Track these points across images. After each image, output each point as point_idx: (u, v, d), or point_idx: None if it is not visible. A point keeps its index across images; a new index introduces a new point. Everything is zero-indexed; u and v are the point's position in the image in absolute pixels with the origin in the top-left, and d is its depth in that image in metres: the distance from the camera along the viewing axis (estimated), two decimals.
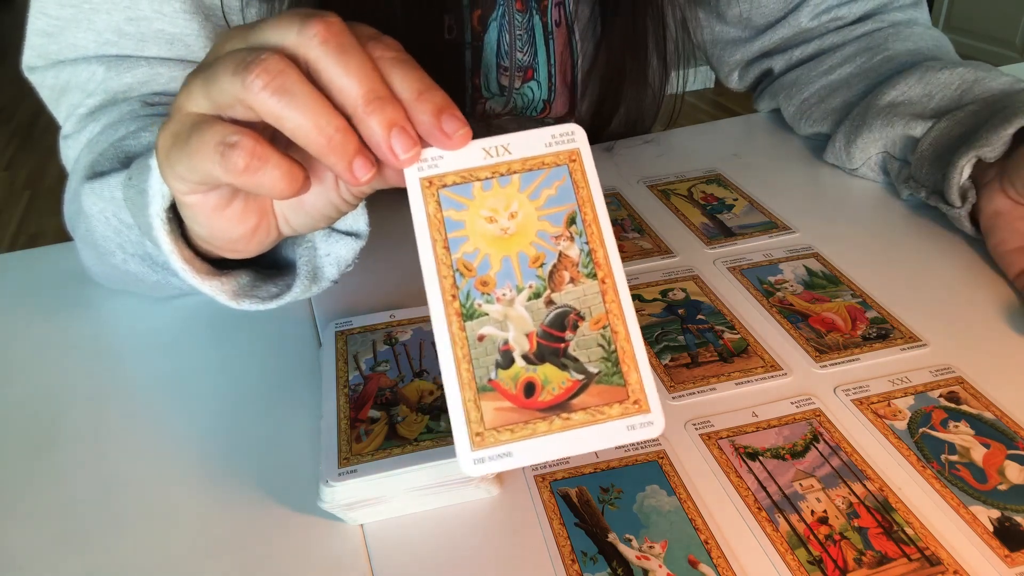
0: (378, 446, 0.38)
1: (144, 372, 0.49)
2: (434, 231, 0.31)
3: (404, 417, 0.40)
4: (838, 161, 0.67)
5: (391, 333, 0.46)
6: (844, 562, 0.36)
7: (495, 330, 0.30)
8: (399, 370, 0.44)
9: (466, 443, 0.29)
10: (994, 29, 2.92)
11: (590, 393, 0.29)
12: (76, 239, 0.53)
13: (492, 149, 0.32)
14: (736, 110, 2.77)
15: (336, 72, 0.30)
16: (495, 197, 0.31)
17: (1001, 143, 0.53)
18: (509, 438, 0.29)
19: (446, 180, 0.31)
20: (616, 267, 0.31)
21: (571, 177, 0.32)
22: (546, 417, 0.29)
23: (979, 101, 0.59)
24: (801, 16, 0.71)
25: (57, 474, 0.42)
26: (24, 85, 0.57)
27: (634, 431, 0.29)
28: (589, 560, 0.36)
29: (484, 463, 0.29)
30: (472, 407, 0.29)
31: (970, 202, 0.55)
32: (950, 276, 0.54)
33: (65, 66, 0.54)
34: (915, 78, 0.62)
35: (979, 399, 0.44)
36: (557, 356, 0.30)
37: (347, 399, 0.41)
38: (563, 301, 0.30)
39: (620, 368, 0.30)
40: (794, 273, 0.55)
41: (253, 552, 0.37)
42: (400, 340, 0.46)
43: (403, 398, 0.41)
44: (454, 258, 0.31)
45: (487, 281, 0.31)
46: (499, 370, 0.30)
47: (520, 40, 0.67)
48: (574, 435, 0.29)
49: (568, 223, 0.31)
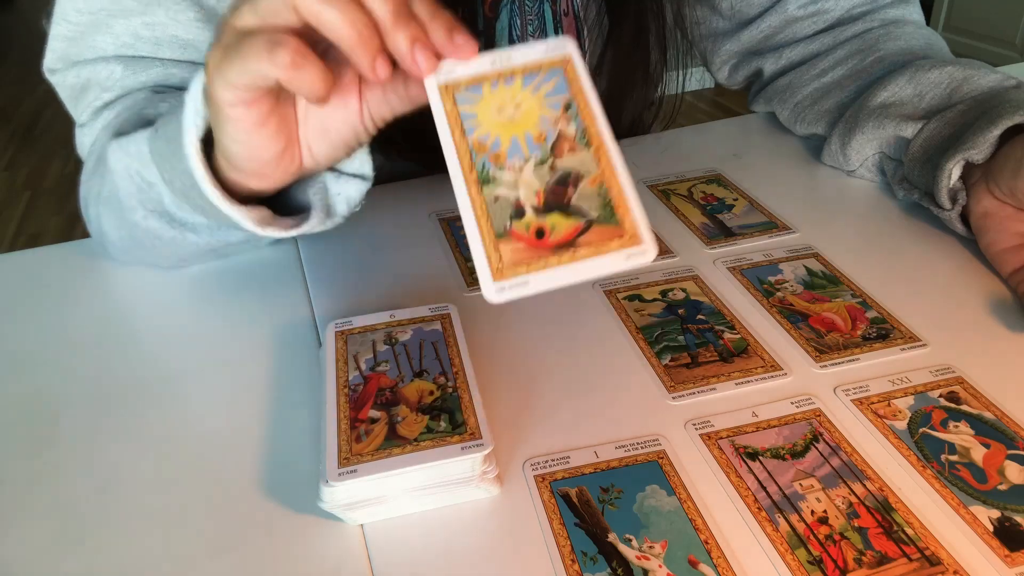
0: (378, 446, 0.38)
1: (144, 372, 0.49)
2: (452, 122, 0.36)
3: (404, 417, 0.40)
4: (835, 163, 0.67)
5: (391, 333, 0.46)
6: (844, 562, 0.36)
7: (508, 191, 0.35)
8: (399, 370, 0.44)
9: (488, 276, 0.33)
10: (994, 29, 2.92)
11: (592, 233, 0.34)
12: (96, 209, 0.56)
13: (497, 59, 0.37)
14: (736, 110, 2.77)
15: None
16: (502, 93, 0.37)
17: (987, 145, 0.53)
18: (526, 270, 0.33)
19: (459, 84, 0.37)
20: (607, 138, 0.35)
21: (565, 75, 0.37)
22: (556, 253, 0.33)
23: (968, 100, 0.59)
24: (789, 5, 0.71)
25: (57, 474, 0.42)
26: (24, 86, 0.58)
27: (632, 259, 0.33)
28: (589, 560, 0.36)
29: (505, 291, 0.32)
30: (492, 249, 0.33)
31: (960, 204, 0.55)
32: (950, 276, 0.54)
33: (85, 65, 0.57)
34: (905, 78, 0.63)
35: (979, 399, 0.44)
36: (563, 206, 0.35)
37: (347, 399, 0.41)
38: (564, 166, 0.35)
39: (616, 212, 0.34)
40: (794, 273, 0.55)
41: (253, 552, 0.37)
42: (400, 340, 0.46)
43: (403, 398, 0.41)
44: (470, 139, 0.36)
45: (499, 155, 0.36)
46: (513, 220, 0.34)
47: (531, 25, 0.68)
48: (581, 265, 0.33)
49: (565, 108, 0.37)
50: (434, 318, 0.47)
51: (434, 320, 0.47)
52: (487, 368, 0.47)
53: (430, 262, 0.57)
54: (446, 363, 0.44)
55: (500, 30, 0.67)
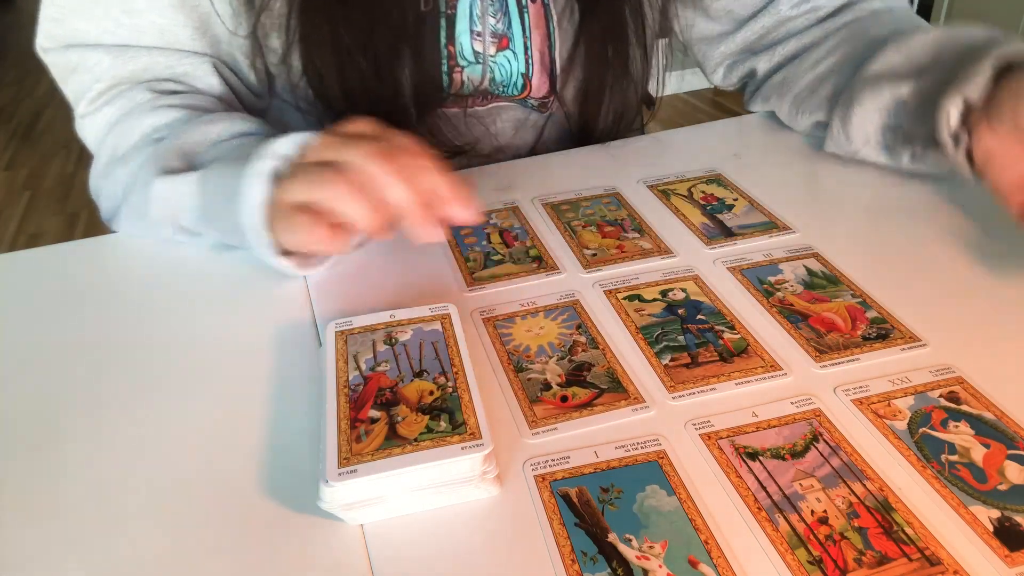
0: (378, 446, 0.38)
1: (144, 371, 0.49)
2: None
3: (404, 417, 0.40)
4: (839, 148, 0.67)
5: (391, 333, 0.46)
6: (844, 562, 0.36)
7: None
8: (399, 370, 0.44)
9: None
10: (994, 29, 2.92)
11: None
12: (112, 203, 0.62)
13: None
14: (736, 110, 2.77)
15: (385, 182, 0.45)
16: None
17: (984, 80, 0.54)
18: None
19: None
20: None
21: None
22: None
23: (959, 51, 0.61)
24: (781, 5, 0.72)
25: (57, 474, 0.42)
26: (24, 86, 0.59)
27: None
28: (589, 560, 0.36)
29: None
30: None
31: (964, 145, 0.56)
32: (950, 276, 0.54)
33: (73, 49, 0.61)
34: (892, 49, 0.64)
35: (979, 399, 0.44)
36: None
37: (347, 399, 0.41)
38: None
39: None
40: (794, 273, 0.55)
41: (253, 552, 0.37)
42: (400, 340, 0.46)
43: (403, 398, 0.41)
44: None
45: None
46: None
47: (492, 6, 0.68)
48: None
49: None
50: (434, 318, 0.47)
51: (434, 320, 0.47)
52: (487, 368, 0.47)
53: (430, 262, 0.57)
54: (446, 363, 0.44)
55: (461, 10, 0.67)
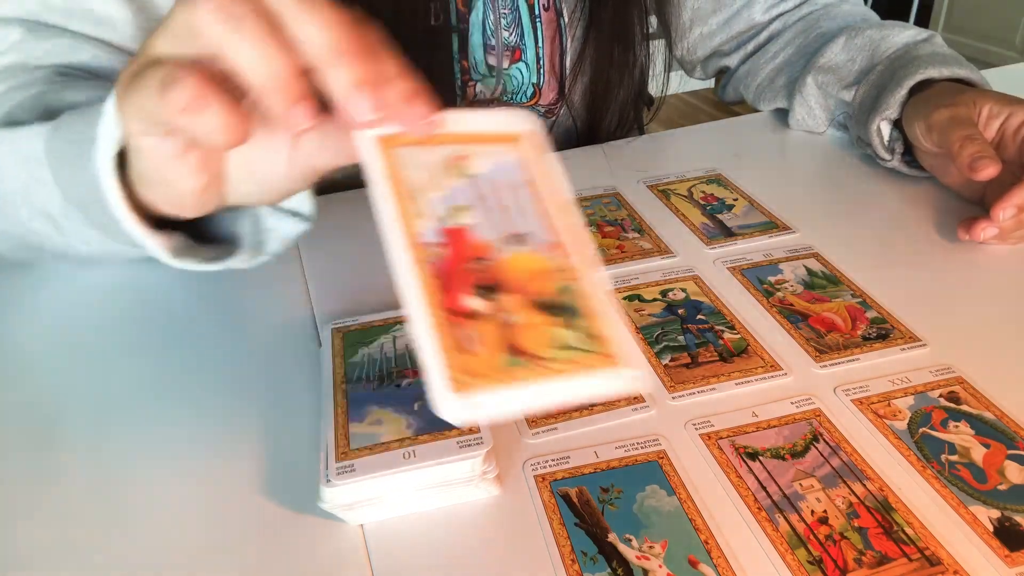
0: (499, 363, 0.28)
1: (144, 372, 0.49)
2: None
3: (517, 315, 0.29)
4: (804, 127, 0.75)
5: (458, 159, 0.38)
6: (844, 562, 0.36)
7: None
8: (493, 226, 0.32)
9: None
10: (994, 29, 2.92)
11: None
12: None
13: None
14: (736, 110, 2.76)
15: (302, 19, 0.29)
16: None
17: (898, 105, 0.63)
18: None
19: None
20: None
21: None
22: None
23: (884, 60, 0.68)
24: (754, 11, 0.79)
25: (57, 474, 0.42)
26: None
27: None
28: (589, 560, 0.36)
29: None
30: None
31: (898, 153, 0.65)
32: (950, 276, 0.54)
33: None
34: (839, 45, 0.72)
35: (979, 399, 0.44)
36: None
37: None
38: None
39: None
40: (794, 273, 0.55)
41: (253, 552, 0.37)
42: (476, 173, 0.38)
43: (507, 281, 0.30)
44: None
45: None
46: None
47: (505, 19, 0.68)
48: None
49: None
50: (514, 139, 0.35)
51: (513, 147, 0.35)
52: None
53: None
54: (545, 224, 0.32)
55: (475, 24, 0.67)
